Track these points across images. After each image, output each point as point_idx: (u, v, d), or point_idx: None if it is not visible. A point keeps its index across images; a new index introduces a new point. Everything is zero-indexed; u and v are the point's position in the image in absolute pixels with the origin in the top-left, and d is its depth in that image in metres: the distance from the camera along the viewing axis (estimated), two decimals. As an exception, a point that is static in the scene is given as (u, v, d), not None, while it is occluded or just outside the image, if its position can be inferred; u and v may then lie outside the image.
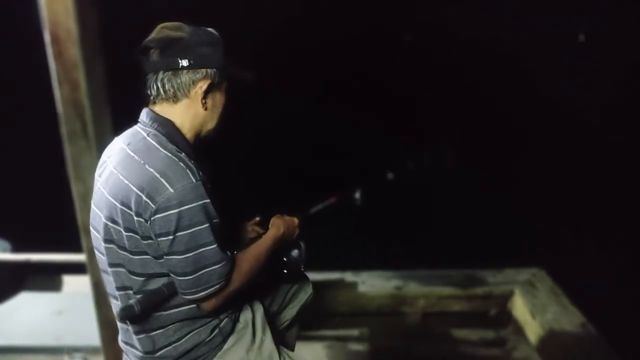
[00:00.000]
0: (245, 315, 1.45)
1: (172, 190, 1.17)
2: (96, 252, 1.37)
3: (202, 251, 1.21)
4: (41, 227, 3.76)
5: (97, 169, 1.36)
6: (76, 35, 2.02)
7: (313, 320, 3.12)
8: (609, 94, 5.13)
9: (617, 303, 3.21)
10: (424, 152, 1.75)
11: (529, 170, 4.91)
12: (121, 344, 1.43)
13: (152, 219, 1.18)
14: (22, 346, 2.99)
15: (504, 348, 3.06)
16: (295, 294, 1.70)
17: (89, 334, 2.60)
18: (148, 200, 1.17)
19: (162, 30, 1.27)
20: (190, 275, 1.21)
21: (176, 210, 1.17)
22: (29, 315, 3.31)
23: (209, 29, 1.32)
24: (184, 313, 1.31)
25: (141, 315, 1.26)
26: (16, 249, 3.39)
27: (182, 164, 1.20)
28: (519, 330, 3.16)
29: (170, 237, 1.18)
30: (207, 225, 1.20)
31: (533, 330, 3.02)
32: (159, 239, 1.20)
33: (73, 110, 2.12)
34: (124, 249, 1.25)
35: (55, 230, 3.05)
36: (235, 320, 1.42)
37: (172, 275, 1.24)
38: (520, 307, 3.23)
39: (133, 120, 1.37)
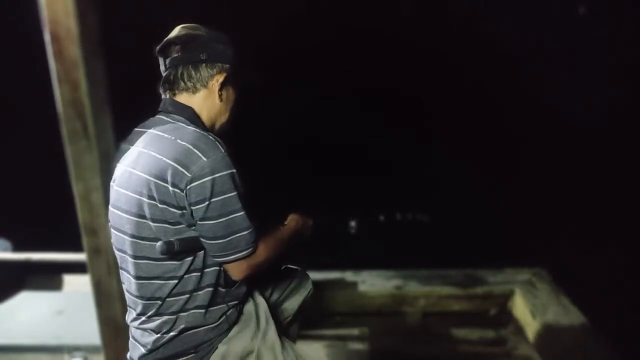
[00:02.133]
0: (249, 308, 1.50)
1: (205, 159, 1.26)
2: (116, 232, 1.40)
3: (233, 217, 1.29)
4: (41, 226, 3.76)
5: (118, 156, 1.43)
6: (76, 35, 2.02)
7: (313, 320, 3.12)
8: (610, 94, 5.13)
9: (617, 303, 3.21)
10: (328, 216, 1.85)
11: (529, 169, 4.91)
12: (134, 325, 1.43)
13: (188, 187, 1.26)
14: (22, 345, 2.99)
15: (504, 348, 3.06)
16: (294, 289, 1.74)
17: (90, 333, 2.60)
18: (184, 170, 1.26)
19: (183, 29, 1.40)
20: (221, 239, 1.30)
21: (210, 178, 1.26)
22: (29, 314, 3.32)
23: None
24: (205, 284, 1.36)
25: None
26: (16, 248, 3.40)
27: (210, 137, 1.31)
28: (519, 330, 3.17)
29: (206, 203, 1.27)
30: (235, 193, 1.29)
31: (533, 330, 3.02)
32: (193, 208, 1.28)
33: (73, 110, 2.13)
34: (160, 221, 1.31)
35: (55, 230, 3.06)
36: (240, 312, 1.48)
37: (203, 240, 1.32)
38: (520, 307, 3.23)
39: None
